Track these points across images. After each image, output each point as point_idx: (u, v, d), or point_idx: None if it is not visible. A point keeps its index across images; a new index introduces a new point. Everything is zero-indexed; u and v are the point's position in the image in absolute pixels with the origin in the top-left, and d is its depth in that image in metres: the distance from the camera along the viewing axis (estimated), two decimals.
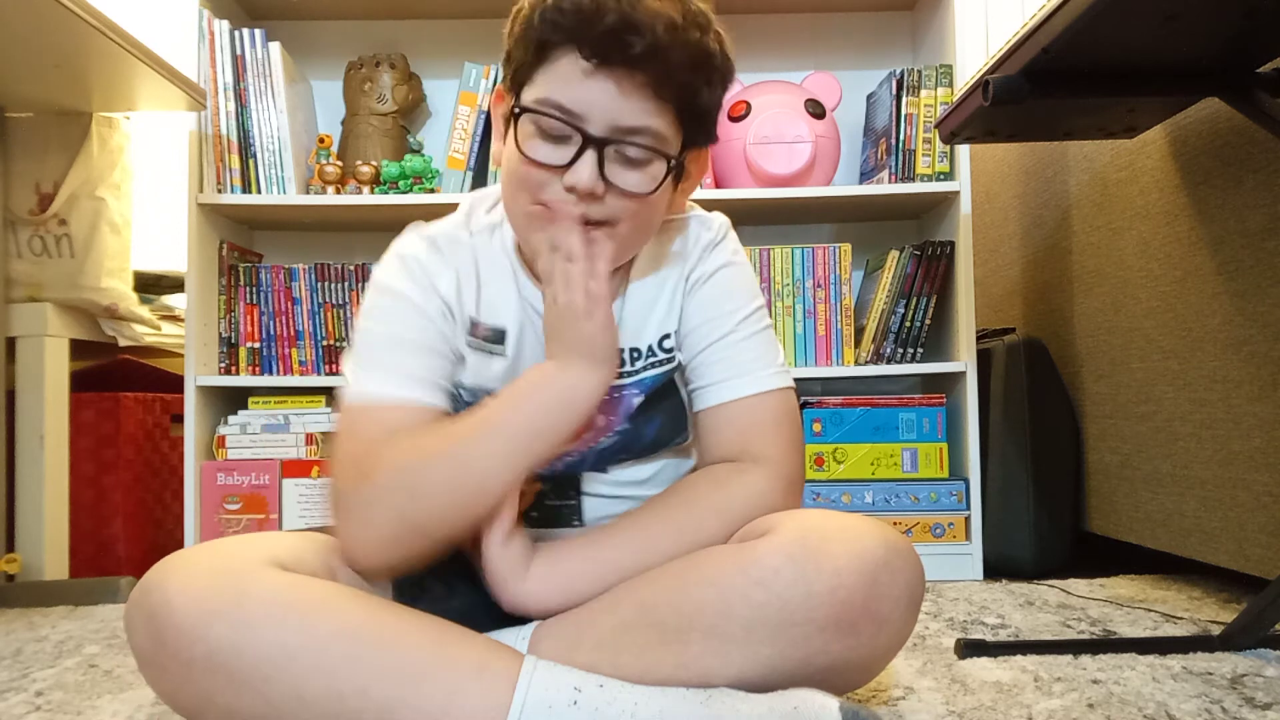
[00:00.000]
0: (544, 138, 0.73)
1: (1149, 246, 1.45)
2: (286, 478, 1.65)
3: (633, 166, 0.74)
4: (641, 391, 0.85)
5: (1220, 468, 1.29)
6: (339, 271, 1.71)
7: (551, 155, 0.73)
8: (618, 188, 0.73)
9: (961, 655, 1.07)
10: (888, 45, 1.89)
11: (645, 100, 0.72)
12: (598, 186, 0.72)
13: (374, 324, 0.81)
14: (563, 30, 0.71)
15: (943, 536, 1.61)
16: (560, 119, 0.72)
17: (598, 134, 0.72)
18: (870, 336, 1.67)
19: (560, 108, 0.72)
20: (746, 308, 0.86)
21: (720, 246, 0.87)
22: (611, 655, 0.70)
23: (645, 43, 0.69)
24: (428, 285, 0.81)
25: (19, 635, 1.26)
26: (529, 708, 0.65)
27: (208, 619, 0.64)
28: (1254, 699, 0.90)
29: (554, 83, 0.72)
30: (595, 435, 0.85)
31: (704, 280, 0.86)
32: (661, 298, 0.86)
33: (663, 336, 0.86)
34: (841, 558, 0.68)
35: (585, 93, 0.71)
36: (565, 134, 0.72)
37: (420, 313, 0.80)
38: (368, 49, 1.81)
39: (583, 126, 0.72)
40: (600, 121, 0.72)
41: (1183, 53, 1.05)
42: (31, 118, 1.64)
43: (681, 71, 0.72)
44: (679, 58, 0.71)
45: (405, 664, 0.66)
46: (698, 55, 0.73)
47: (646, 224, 0.79)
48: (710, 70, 0.75)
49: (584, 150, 0.72)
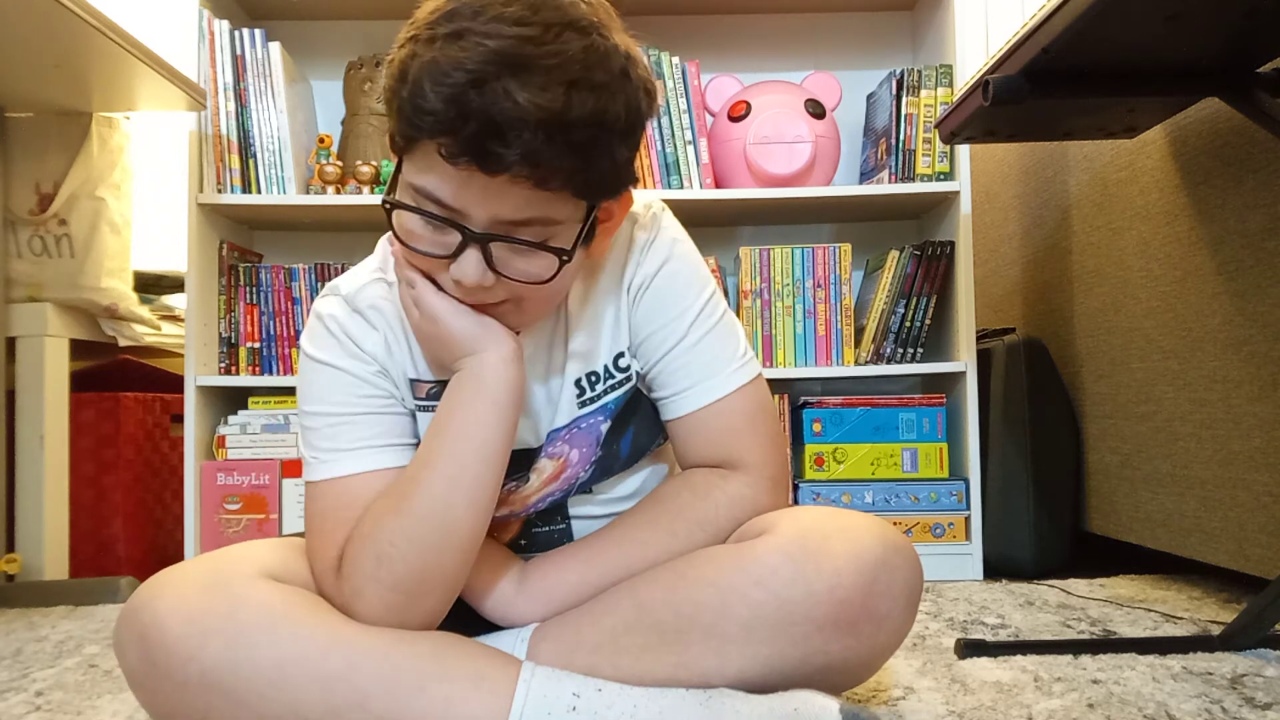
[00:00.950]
0: (422, 225, 0.66)
1: (1149, 246, 1.45)
2: (286, 478, 1.65)
3: (522, 255, 0.66)
4: (607, 417, 0.81)
5: (1220, 468, 1.29)
6: (339, 271, 1.69)
7: (435, 245, 0.66)
8: (509, 278, 0.66)
9: (961, 655, 1.07)
10: (888, 45, 1.89)
11: (528, 192, 0.62)
12: (485, 280, 0.66)
13: (314, 405, 0.76)
14: (429, 127, 0.61)
15: (943, 536, 1.61)
16: (436, 216, 0.64)
17: (479, 230, 0.64)
18: (870, 336, 1.67)
19: (438, 202, 0.64)
20: (695, 305, 0.79)
21: (655, 245, 0.79)
22: (611, 656, 0.70)
23: (518, 150, 0.59)
24: (354, 349, 0.76)
25: (19, 635, 1.26)
26: (528, 715, 0.65)
27: (201, 638, 0.63)
28: (1254, 699, 0.90)
29: (429, 171, 0.64)
30: (574, 472, 0.82)
31: (646, 286, 0.79)
32: (607, 316, 0.80)
33: (617, 356, 0.81)
34: (840, 557, 0.68)
35: (460, 188, 0.63)
36: (446, 223, 0.65)
37: (354, 379, 0.75)
38: (368, 49, 1.81)
39: (462, 223, 0.64)
40: (481, 218, 0.64)
41: (1183, 53, 1.05)
42: (31, 118, 1.64)
43: (568, 160, 0.61)
44: (562, 149, 0.60)
45: (402, 676, 0.65)
46: (590, 135, 0.61)
47: (554, 293, 0.71)
48: (610, 139, 0.64)
49: (466, 245, 0.65)
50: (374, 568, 0.68)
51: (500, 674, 0.67)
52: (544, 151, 0.60)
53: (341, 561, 0.70)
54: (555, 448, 0.81)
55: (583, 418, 0.81)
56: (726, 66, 1.85)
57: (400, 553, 0.68)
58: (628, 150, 0.67)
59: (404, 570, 0.68)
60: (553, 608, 0.76)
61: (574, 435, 0.80)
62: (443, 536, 0.69)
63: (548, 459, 0.81)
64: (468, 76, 0.59)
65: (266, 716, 0.64)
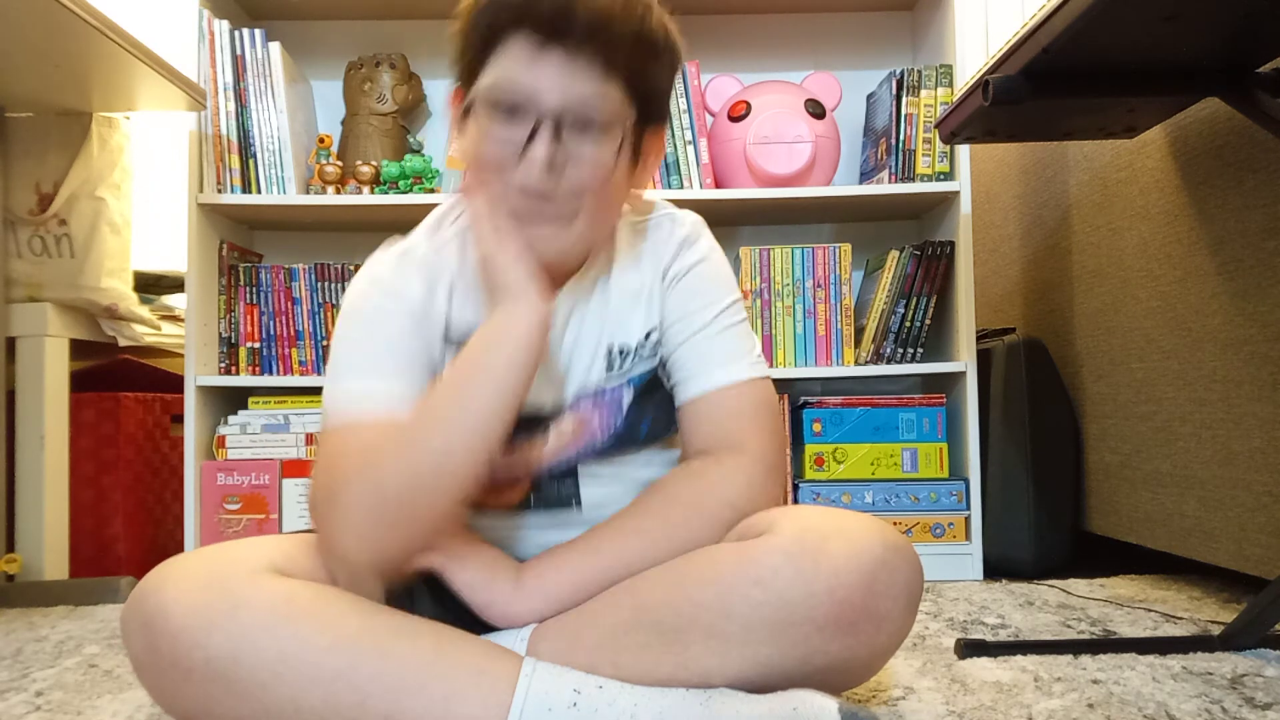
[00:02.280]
0: (500, 120, 0.74)
1: (1149, 246, 1.45)
2: (286, 478, 1.65)
3: (588, 139, 0.74)
4: (633, 386, 0.87)
5: (1220, 468, 1.29)
6: (339, 271, 1.71)
7: (510, 135, 0.74)
8: (576, 159, 0.74)
9: (961, 655, 1.07)
10: (888, 45, 1.89)
11: (593, 76, 0.73)
12: (556, 158, 0.73)
13: (345, 331, 0.81)
14: (509, 11, 0.72)
15: (943, 536, 1.61)
16: (515, 98, 0.73)
17: (552, 108, 0.73)
18: (870, 336, 1.67)
19: (511, 84, 0.73)
20: (722, 302, 0.87)
21: (695, 244, 0.89)
22: (611, 656, 0.70)
23: (589, 18, 0.71)
24: (396, 293, 0.81)
25: (19, 635, 1.26)
26: (528, 710, 0.65)
27: (205, 628, 0.64)
28: (1254, 699, 0.90)
29: (505, 66, 0.74)
30: (591, 435, 0.86)
31: (681, 276, 0.87)
32: (642, 295, 0.87)
33: (648, 333, 0.87)
34: (840, 557, 0.68)
35: (535, 72, 0.72)
36: (520, 112, 0.73)
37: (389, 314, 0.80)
38: (368, 49, 1.81)
39: (536, 104, 0.73)
40: (551, 98, 0.73)
41: (1183, 53, 1.05)
42: (31, 118, 1.64)
43: (626, 46, 0.73)
44: (623, 32, 0.73)
45: (403, 671, 0.66)
46: (642, 32, 0.75)
47: (607, 200, 0.79)
48: (655, 47, 0.77)
49: (539, 125, 0.73)
50: (363, 491, 0.71)
51: (501, 670, 0.67)
52: (610, 27, 0.72)
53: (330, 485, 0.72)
54: (577, 408, 0.86)
55: (609, 387, 0.86)
56: (726, 66, 1.85)
57: (392, 481, 0.70)
58: (666, 73, 0.80)
59: (393, 499, 0.70)
60: (551, 605, 0.76)
61: (598, 401, 0.85)
62: (436, 476, 0.71)
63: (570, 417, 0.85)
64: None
65: (268, 708, 0.64)
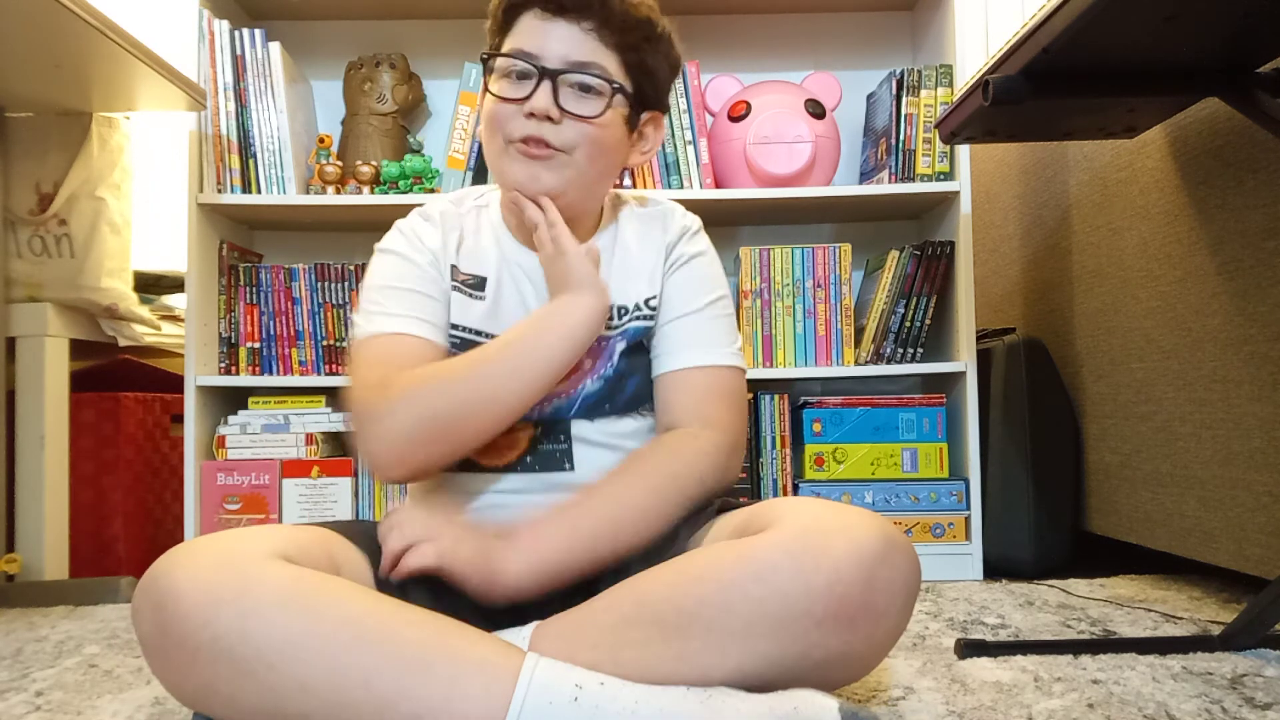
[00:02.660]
0: (510, 80, 0.88)
1: (1149, 246, 1.45)
2: (286, 478, 1.65)
3: (584, 94, 0.87)
4: (626, 340, 0.95)
5: (1220, 468, 1.29)
6: (339, 271, 1.71)
7: (515, 91, 0.87)
8: (571, 112, 0.86)
9: (961, 655, 1.07)
10: (888, 45, 1.89)
11: (593, 42, 0.87)
12: (552, 110, 0.86)
13: (375, 279, 0.94)
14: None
15: (943, 536, 1.61)
16: (520, 58, 0.87)
17: (552, 67, 0.86)
18: (870, 336, 1.67)
19: (520, 51, 0.87)
20: (715, 293, 0.98)
21: (698, 236, 1.00)
22: (612, 652, 0.71)
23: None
24: (417, 243, 0.95)
25: (19, 635, 1.26)
26: (530, 703, 0.65)
27: (214, 606, 0.65)
28: (1254, 699, 0.90)
29: (518, 36, 0.88)
30: (581, 376, 0.94)
31: (684, 261, 0.97)
32: (645, 264, 0.97)
33: (649, 298, 0.96)
34: (840, 553, 0.69)
35: (541, 37, 0.87)
36: (525, 71, 0.87)
37: (412, 264, 0.93)
38: (368, 49, 1.81)
39: (539, 63, 0.86)
40: (554, 58, 0.86)
41: (1183, 53, 1.05)
42: (31, 118, 1.64)
43: (624, 21, 0.87)
44: (621, 10, 0.87)
45: (408, 656, 0.66)
46: (639, 15, 0.88)
47: (601, 153, 0.90)
48: (651, 29, 0.90)
49: (540, 81, 0.86)
50: (409, 414, 0.82)
51: (504, 662, 0.68)
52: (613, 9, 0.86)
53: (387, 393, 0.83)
54: None
55: (604, 336, 0.94)
56: (726, 66, 1.85)
57: (443, 409, 0.83)
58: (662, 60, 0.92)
59: (439, 423, 0.83)
60: (544, 566, 0.81)
61: (594, 347, 0.93)
62: (478, 404, 0.84)
63: None
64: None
65: (273, 688, 0.65)
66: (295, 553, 0.73)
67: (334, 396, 1.70)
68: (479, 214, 0.99)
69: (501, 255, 0.96)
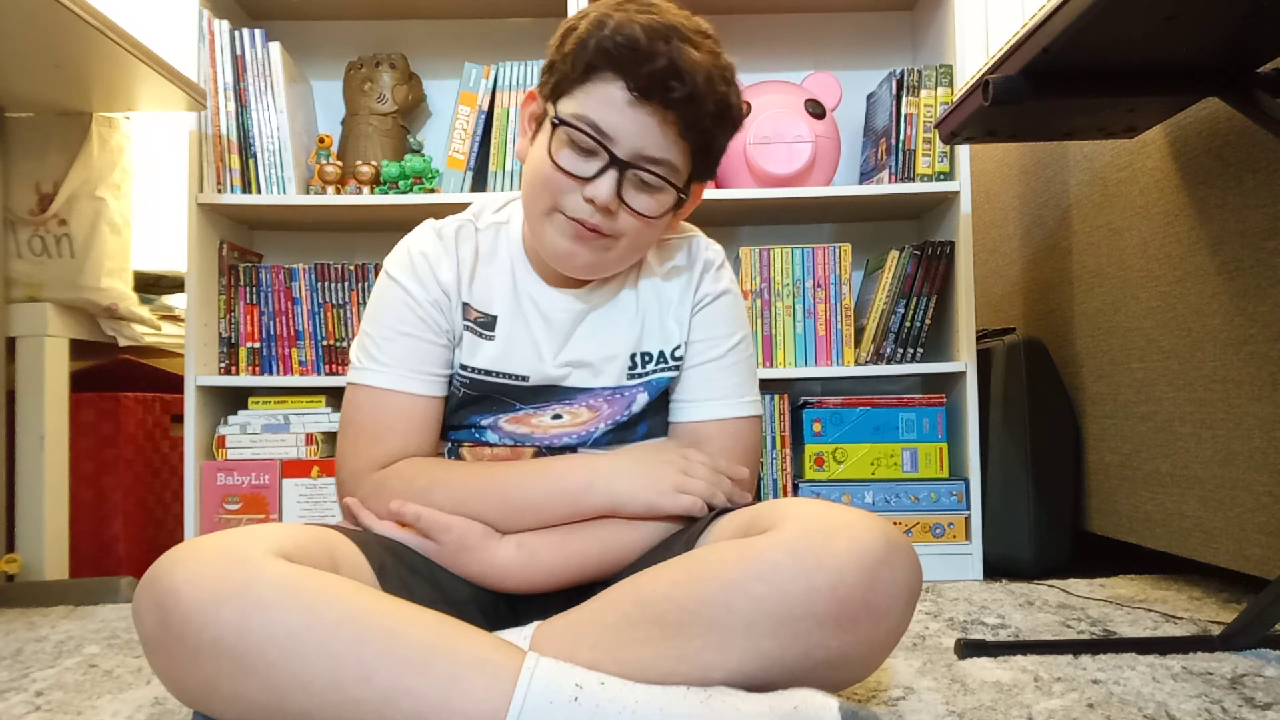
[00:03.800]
0: (574, 149, 0.82)
1: (1149, 246, 1.45)
2: (286, 478, 1.65)
3: (646, 191, 0.84)
4: (649, 392, 0.93)
5: (1220, 468, 1.29)
6: (339, 271, 1.71)
7: (578, 166, 0.82)
8: (629, 207, 0.83)
9: (961, 655, 1.07)
10: (888, 45, 1.89)
11: (670, 137, 0.82)
12: (612, 203, 0.82)
13: (374, 313, 0.92)
14: (614, 62, 0.79)
15: (943, 536, 1.61)
16: (593, 137, 0.81)
17: (623, 157, 0.81)
18: (870, 336, 1.67)
19: (595, 127, 0.81)
20: (737, 335, 0.96)
21: (723, 271, 0.97)
22: (613, 652, 0.71)
23: (685, 90, 0.79)
24: (428, 275, 0.90)
25: (19, 635, 1.26)
26: (530, 702, 0.65)
27: (215, 604, 0.65)
28: (1254, 699, 0.90)
29: (593, 103, 0.81)
30: (597, 421, 0.92)
31: (709, 301, 0.95)
32: (672, 309, 0.94)
33: (675, 347, 0.94)
34: (843, 554, 0.69)
35: (620, 119, 0.80)
36: (594, 150, 0.82)
37: (417, 304, 0.90)
38: (368, 49, 1.81)
39: (611, 148, 0.81)
40: (627, 147, 0.81)
41: (1183, 53, 1.05)
42: (31, 118, 1.64)
43: (707, 119, 0.82)
44: (708, 108, 0.81)
45: (409, 654, 0.66)
46: (723, 107, 0.83)
47: (644, 243, 0.89)
48: (730, 122, 0.86)
49: (608, 169, 0.81)
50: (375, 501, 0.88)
51: (505, 661, 0.68)
52: (700, 101, 0.80)
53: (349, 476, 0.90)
54: (594, 400, 0.93)
55: (627, 386, 0.93)
56: None
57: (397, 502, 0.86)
58: (729, 140, 0.87)
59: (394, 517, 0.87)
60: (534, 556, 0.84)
61: (613, 397, 0.93)
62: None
63: (584, 407, 0.94)
64: (662, 28, 0.79)
65: (274, 685, 0.65)
66: (296, 551, 0.73)
67: (334, 396, 1.70)
68: (497, 233, 0.95)
69: (515, 288, 0.93)
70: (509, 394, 0.93)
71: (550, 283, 0.93)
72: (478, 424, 0.95)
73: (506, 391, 0.93)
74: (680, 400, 0.95)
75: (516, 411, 0.94)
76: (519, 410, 0.94)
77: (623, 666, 0.70)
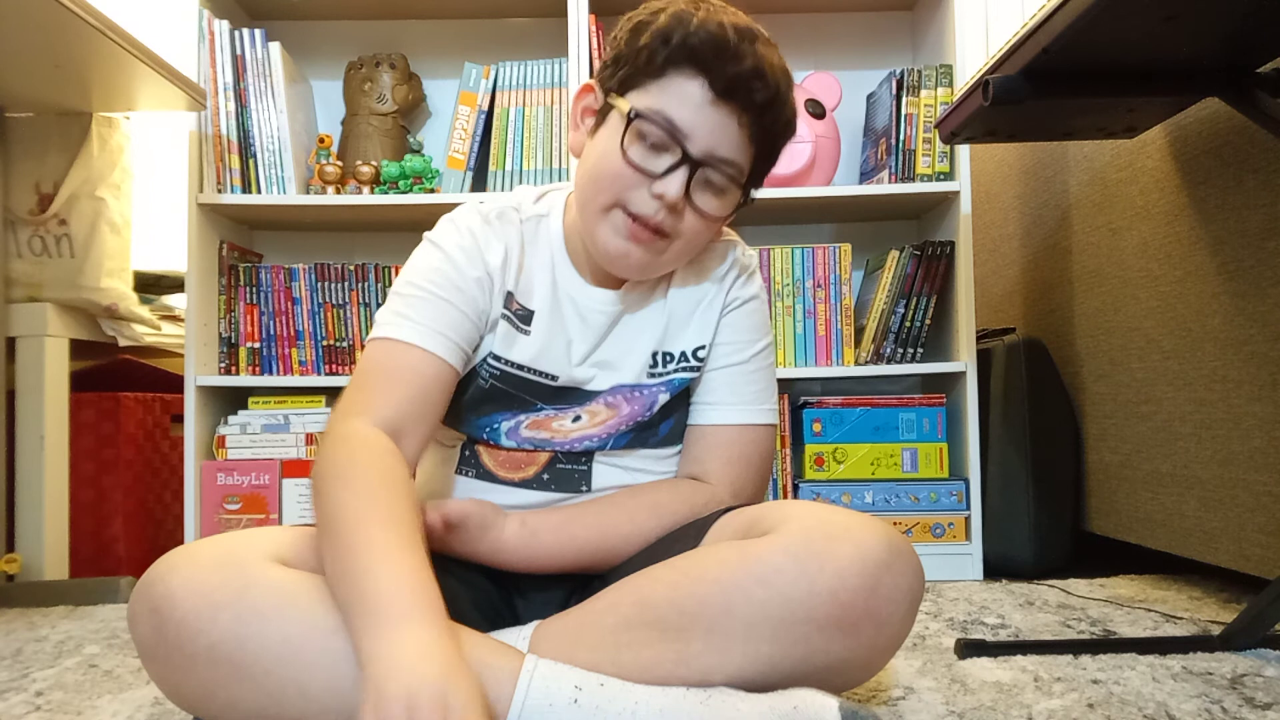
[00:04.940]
0: (644, 145, 0.80)
1: (1149, 246, 1.45)
2: (286, 478, 1.65)
3: (712, 192, 0.82)
4: (669, 391, 0.91)
5: (1220, 468, 1.29)
6: (339, 271, 1.71)
7: (649, 162, 0.80)
8: (695, 206, 0.81)
9: (961, 655, 1.07)
10: (888, 45, 1.89)
11: (742, 140, 0.81)
12: (680, 202, 0.80)
13: (413, 275, 0.86)
14: (697, 59, 0.78)
15: (943, 536, 1.61)
16: (669, 132, 0.79)
17: (696, 155, 0.79)
18: (870, 336, 1.67)
19: (671, 123, 0.79)
20: (763, 341, 0.95)
21: (754, 276, 0.96)
22: (612, 654, 0.70)
23: (768, 94, 0.79)
24: (475, 253, 0.87)
25: (19, 635, 1.26)
26: (530, 704, 0.65)
27: (212, 611, 0.65)
28: (1254, 699, 0.90)
29: (670, 99, 0.79)
30: (618, 424, 0.91)
31: (738, 305, 0.93)
32: (699, 310, 0.93)
33: (697, 347, 0.93)
34: (844, 558, 0.68)
35: (698, 117, 0.79)
36: (666, 146, 0.80)
37: (459, 273, 0.86)
38: (368, 49, 1.81)
39: (686, 145, 0.79)
40: (701, 145, 0.79)
41: (1182, 53, 1.05)
42: (31, 118, 1.64)
43: (778, 125, 0.83)
44: (784, 114, 0.82)
45: None
46: (792, 114, 0.84)
47: (696, 246, 0.87)
48: (792, 129, 0.85)
49: (679, 165, 0.79)
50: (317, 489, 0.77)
51: (503, 664, 0.68)
52: (778, 106, 0.81)
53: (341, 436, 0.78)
54: (613, 399, 0.91)
55: (648, 385, 0.91)
56: None
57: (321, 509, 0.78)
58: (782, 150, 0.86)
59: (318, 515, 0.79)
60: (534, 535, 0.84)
61: (633, 395, 0.91)
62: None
63: (604, 405, 0.91)
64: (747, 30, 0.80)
65: (271, 692, 0.65)
66: (292, 556, 0.72)
67: (334, 396, 1.70)
68: (538, 225, 0.91)
69: (554, 284, 0.90)
70: (534, 392, 0.90)
71: (590, 281, 0.90)
72: (496, 425, 0.90)
73: (532, 390, 0.89)
74: (701, 403, 0.93)
75: (538, 413, 0.90)
76: (541, 412, 0.90)
77: (622, 668, 0.69)
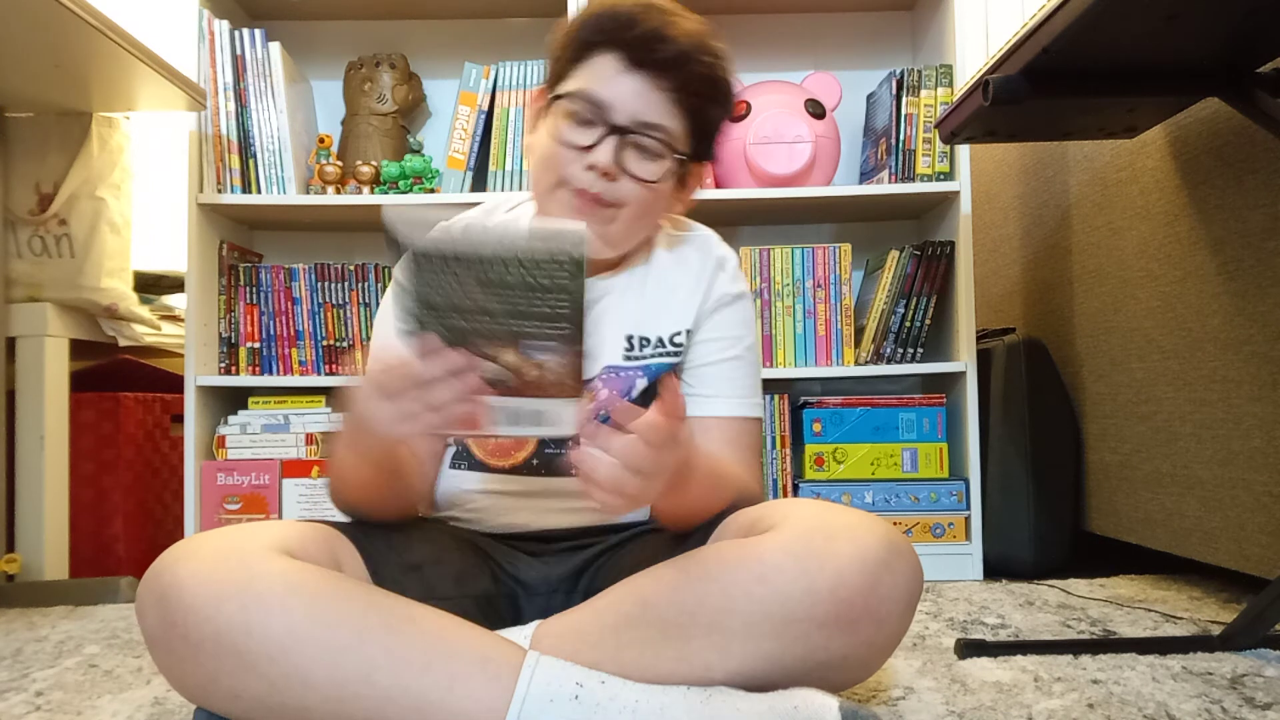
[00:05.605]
0: (574, 123, 0.86)
1: (1149, 246, 1.45)
2: (286, 478, 1.65)
3: (645, 156, 0.86)
4: (648, 377, 0.93)
5: (1220, 468, 1.29)
6: (339, 271, 1.71)
7: (578, 137, 0.85)
8: (629, 172, 0.85)
9: (961, 655, 1.07)
10: (888, 45, 1.89)
11: (665, 103, 0.85)
12: (612, 168, 0.84)
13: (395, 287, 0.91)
14: (604, 33, 0.85)
15: (943, 536, 1.61)
16: (591, 105, 0.85)
17: (620, 123, 0.84)
18: (870, 336, 1.67)
19: (591, 98, 0.85)
20: (750, 337, 0.98)
21: (738, 274, 0.99)
22: (613, 652, 0.71)
23: (673, 50, 0.83)
24: None
25: (19, 635, 1.26)
26: (530, 700, 0.66)
27: (217, 600, 0.66)
28: (1254, 699, 0.90)
29: (592, 76, 0.86)
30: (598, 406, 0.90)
31: (727, 303, 0.96)
32: (677, 297, 0.95)
33: (674, 333, 0.94)
34: (844, 557, 0.69)
35: (615, 88, 0.85)
36: (592, 120, 0.85)
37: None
38: (368, 49, 1.81)
39: (608, 116, 0.84)
40: (624, 113, 0.84)
41: (1183, 53, 1.05)
42: (31, 118, 1.64)
43: (697, 83, 0.86)
44: (697, 71, 0.85)
45: (409, 652, 0.66)
46: (712, 75, 0.87)
47: (647, 215, 0.90)
48: (721, 95, 0.89)
49: (606, 135, 0.84)
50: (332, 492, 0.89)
51: (505, 660, 0.68)
52: (689, 64, 0.84)
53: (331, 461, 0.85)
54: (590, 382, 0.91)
55: (624, 368, 0.93)
56: None
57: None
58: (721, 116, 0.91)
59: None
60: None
61: (610, 379, 0.93)
62: None
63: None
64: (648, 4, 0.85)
65: (274, 681, 0.65)
66: (297, 548, 0.73)
67: (334, 396, 1.70)
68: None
69: None
70: None
71: None
72: None
73: None
74: (699, 395, 0.95)
75: None
76: None
77: (623, 666, 0.70)
